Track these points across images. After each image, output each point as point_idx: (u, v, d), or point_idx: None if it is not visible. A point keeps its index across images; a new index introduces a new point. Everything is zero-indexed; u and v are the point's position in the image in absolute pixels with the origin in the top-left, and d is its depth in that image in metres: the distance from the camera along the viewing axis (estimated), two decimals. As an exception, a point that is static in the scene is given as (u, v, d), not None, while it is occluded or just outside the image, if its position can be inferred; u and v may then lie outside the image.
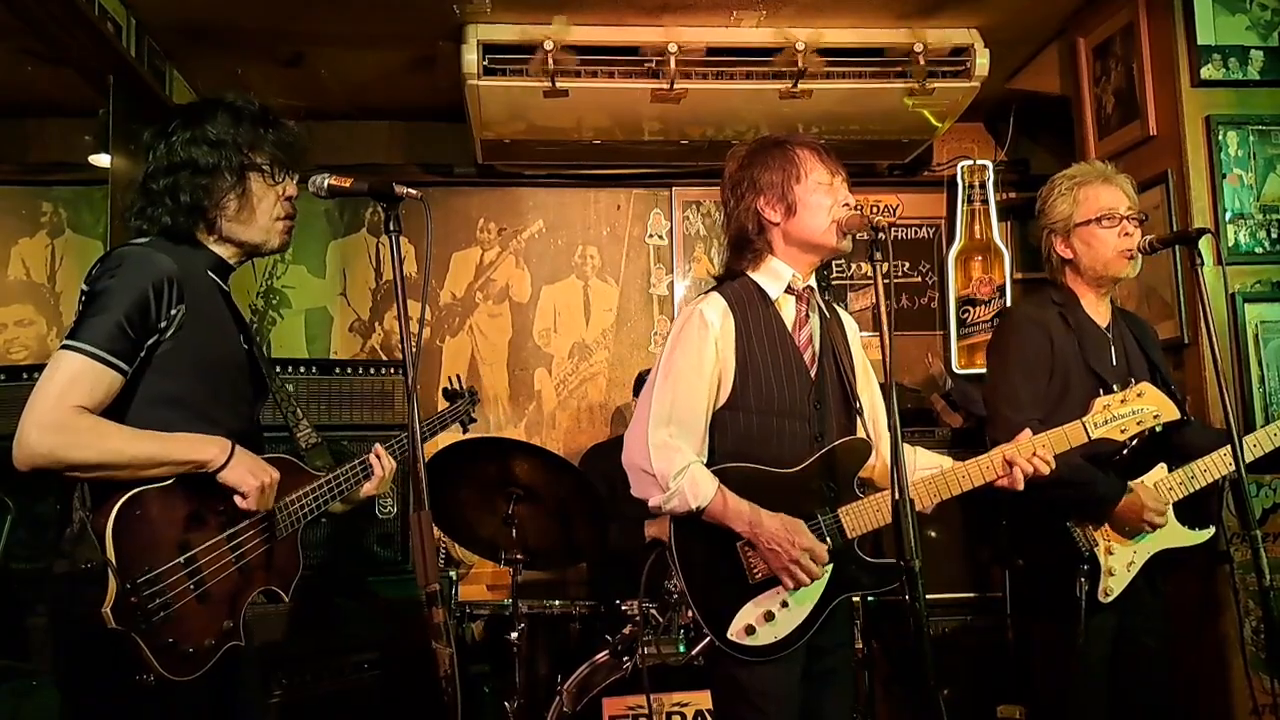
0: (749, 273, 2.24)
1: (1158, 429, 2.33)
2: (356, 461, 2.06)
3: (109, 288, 1.75)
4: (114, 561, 1.64)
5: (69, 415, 1.68)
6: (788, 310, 2.24)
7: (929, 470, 2.23)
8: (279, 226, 1.99)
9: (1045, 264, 2.73)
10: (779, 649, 2.08)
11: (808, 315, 2.26)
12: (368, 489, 2.06)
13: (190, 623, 1.72)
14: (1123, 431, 2.24)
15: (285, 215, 1.99)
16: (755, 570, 2.10)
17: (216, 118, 1.92)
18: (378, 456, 2.08)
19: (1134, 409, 2.25)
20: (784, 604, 2.09)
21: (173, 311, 1.79)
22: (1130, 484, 2.44)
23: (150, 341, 1.77)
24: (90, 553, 1.66)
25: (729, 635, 2.08)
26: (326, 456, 2.09)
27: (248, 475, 1.81)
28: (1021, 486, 2.17)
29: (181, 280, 1.81)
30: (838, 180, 2.19)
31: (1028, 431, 2.21)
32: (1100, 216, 2.56)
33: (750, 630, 2.07)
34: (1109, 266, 2.57)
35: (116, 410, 1.76)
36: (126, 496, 1.69)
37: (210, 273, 1.93)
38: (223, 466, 1.79)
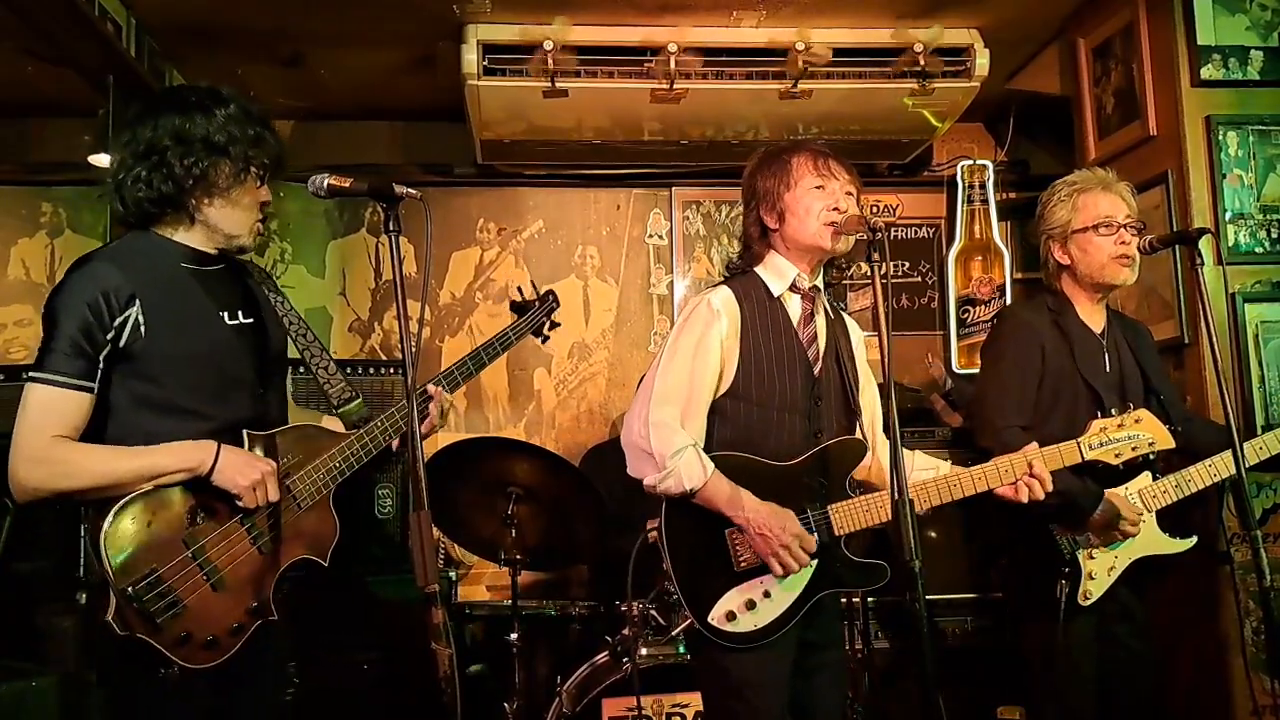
0: (755, 269, 2.31)
1: (1151, 457, 2.35)
2: (384, 416, 2.07)
3: (54, 311, 1.82)
4: (110, 572, 1.73)
5: (49, 447, 1.76)
6: (793, 307, 2.29)
7: (926, 473, 2.25)
8: (255, 226, 2.04)
9: (1042, 268, 2.74)
10: (758, 637, 2.10)
11: (813, 314, 2.30)
12: (424, 428, 2.08)
13: (208, 612, 1.80)
14: (1117, 456, 2.25)
15: (262, 218, 2.05)
16: (741, 558, 2.13)
17: (230, 107, 1.94)
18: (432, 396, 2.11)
19: (1130, 434, 2.26)
20: (766, 594, 2.12)
21: (118, 321, 1.81)
22: (1106, 493, 2.45)
23: (106, 354, 1.81)
24: (95, 563, 1.75)
25: (709, 619, 2.10)
26: (363, 410, 2.13)
27: (236, 476, 1.83)
28: (1025, 499, 2.19)
29: (129, 286, 1.83)
30: (832, 185, 2.24)
31: (1035, 445, 2.24)
32: (1097, 224, 2.58)
33: (731, 616, 2.10)
34: (1105, 272, 2.59)
35: (100, 421, 1.82)
36: (118, 505, 1.76)
37: (185, 264, 1.94)
38: (211, 470, 1.82)
